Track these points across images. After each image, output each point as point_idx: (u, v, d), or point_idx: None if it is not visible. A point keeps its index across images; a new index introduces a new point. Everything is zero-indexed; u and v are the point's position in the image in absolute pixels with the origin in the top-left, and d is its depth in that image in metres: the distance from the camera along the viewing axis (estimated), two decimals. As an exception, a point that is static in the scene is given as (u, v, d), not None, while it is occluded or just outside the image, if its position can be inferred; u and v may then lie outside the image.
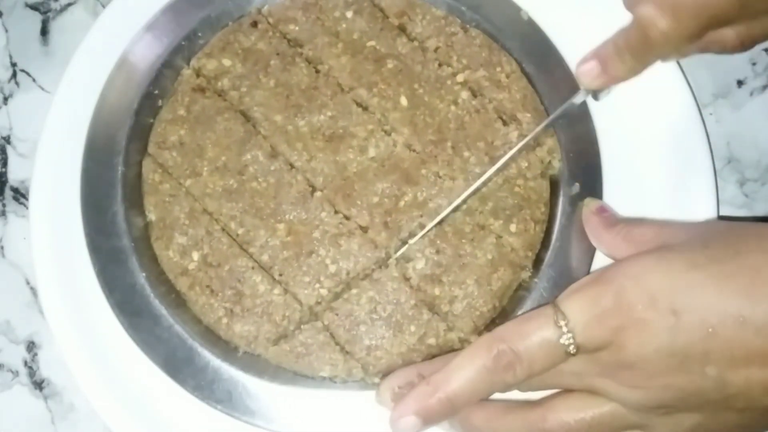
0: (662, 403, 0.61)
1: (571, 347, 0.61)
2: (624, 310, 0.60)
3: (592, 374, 0.62)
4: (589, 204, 0.77)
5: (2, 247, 0.87)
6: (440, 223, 0.77)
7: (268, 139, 0.79)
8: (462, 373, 0.63)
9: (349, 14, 0.83)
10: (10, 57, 0.92)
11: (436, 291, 0.76)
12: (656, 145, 0.82)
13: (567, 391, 0.66)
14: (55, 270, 0.80)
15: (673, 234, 0.66)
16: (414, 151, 0.79)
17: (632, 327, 0.60)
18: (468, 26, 0.84)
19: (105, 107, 0.81)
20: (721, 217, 0.81)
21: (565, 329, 0.61)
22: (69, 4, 0.93)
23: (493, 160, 0.79)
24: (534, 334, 0.62)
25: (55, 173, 0.82)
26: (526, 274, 0.78)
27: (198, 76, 0.82)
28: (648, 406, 0.62)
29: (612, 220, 0.73)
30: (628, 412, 0.63)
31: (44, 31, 0.92)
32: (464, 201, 0.77)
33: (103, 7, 0.87)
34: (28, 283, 0.86)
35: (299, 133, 0.79)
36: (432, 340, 0.75)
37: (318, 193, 0.78)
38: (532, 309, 0.72)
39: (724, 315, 0.58)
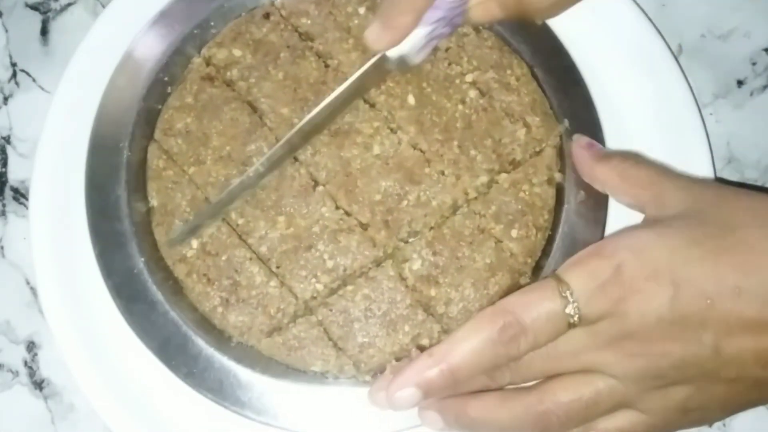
0: (659, 372, 0.63)
1: (576, 317, 0.62)
2: (626, 282, 0.62)
3: (591, 348, 0.64)
4: (578, 139, 0.78)
5: (2, 247, 0.88)
6: (439, 225, 0.77)
7: (273, 131, 0.79)
8: (466, 345, 0.63)
9: (362, 10, 0.82)
10: (10, 57, 0.92)
11: (432, 292, 0.75)
12: (657, 145, 0.81)
13: (560, 374, 0.66)
14: (55, 270, 0.81)
15: (669, 190, 0.69)
16: (419, 150, 0.78)
17: (634, 297, 0.62)
18: (480, 27, 0.83)
19: (114, 92, 0.81)
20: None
21: (570, 299, 0.62)
22: (69, 4, 0.93)
23: (500, 158, 0.78)
24: (539, 305, 0.63)
25: (55, 173, 0.82)
26: (524, 281, 0.77)
27: (208, 65, 0.82)
28: (644, 376, 0.63)
29: (603, 154, 0.75)
30: (623, 386, 0.64)
31: (44, 31, 0.92)
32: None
33: (103, 7, 0.87)
34: (28, 283, 0.87)
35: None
36: (426, 341, 0.75)
37: (320, 188, 0.78)
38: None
39: (721, 286, 0.61)
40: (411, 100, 0.80)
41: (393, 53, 0.75)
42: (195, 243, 0.77)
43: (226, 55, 0.82)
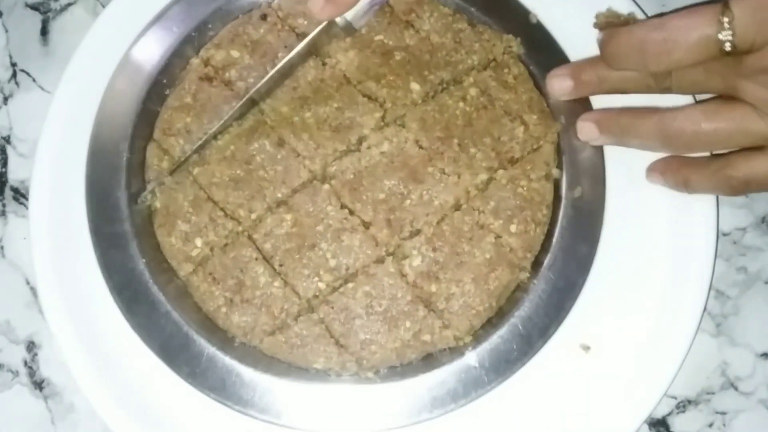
0: None
1: (727, 44, 0.65)
2: None
3: (736, 75, 0.68)
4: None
5: (2, 247, 0.88)
6: (438, 221, 0.77)
7: (275, 129, 0.80)
8: (616, 39, 0.72)
9: None
10: (10, 57, 0.92)
11: (433, 288, 0.76)
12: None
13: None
14: (55, 270, 0.81)
15: None
16: (421, 147, 0.79)
17: None
18: (475, 22, 0.84)
19: (113, 95, 0.82)
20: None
21: (727, 26, 0.65)
22: (69, 4, 0.93)
23: (499, 156, 0.79)
24: (695, 29, 0.66)
25: (54, 173, 0.82)
26: (524, 275, 0.78)
27: (206, 66, 0.83)
28: None
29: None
30: (759, 116, 0.68)
31: (44, 31, 0.92)
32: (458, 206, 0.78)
33: (103, 7, 0.88)
34: (28, 283, 0.86)
35: (305, 125, 0.79)
36: (427, 337, 0.75)
37: (326, 186, 0.78)
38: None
39: None
40: (415, 86, 0.80)
41: (339, 19, 0.79)
42: (199, 242, 0.77)
43: (224, 56, 0.82)
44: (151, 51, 0.83)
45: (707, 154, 0.77)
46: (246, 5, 0.85)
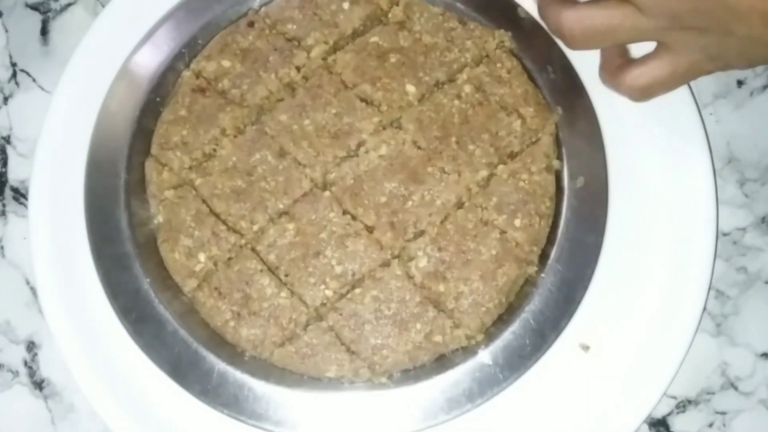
0: (674, 12, 0.68)
1: None
2: None
3: None
4: None
5: (2, 247, 0.87)
6: (442, 221, 0.77)
7: (275, 138, 0.79)
8: None
9: (346, 5, 0.83)
10: (10, 57, 0.91)
11: (441, 288, 0.76)
12: (657, 145, 0.82)
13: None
14: (54, 270, 0.80)
15: None
16: (419, 148, 0.79)
17: None
18: (466, 20, 0.83)
19: (107, 116, 0.81)
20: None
21: None
22: (69, 4, 0.93)
23: (498, 151, 0.79)
24: None
25: (54, 173, 0.82)
26: (532, 269, 0.78)
27: (198, 78, 0.82)
28: (663, 12, 0.68)
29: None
30: (645, 18, 0.69)
31: (44, 31, 0.92)
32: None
33: (103, 6, 0.87)
34: (28, 283, 0.86)
35: (304, 132, 0.79)
36: (438, 338, 0.75)
37: (327, 193, 0.78)
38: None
39: None
40: (411, 89, 0.80)
41: None
42: (203, 257, 0.77)
43: (215, 67, 0.82)
44: (143, 70, 0.82)
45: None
46: (234, 18, 0.84)
